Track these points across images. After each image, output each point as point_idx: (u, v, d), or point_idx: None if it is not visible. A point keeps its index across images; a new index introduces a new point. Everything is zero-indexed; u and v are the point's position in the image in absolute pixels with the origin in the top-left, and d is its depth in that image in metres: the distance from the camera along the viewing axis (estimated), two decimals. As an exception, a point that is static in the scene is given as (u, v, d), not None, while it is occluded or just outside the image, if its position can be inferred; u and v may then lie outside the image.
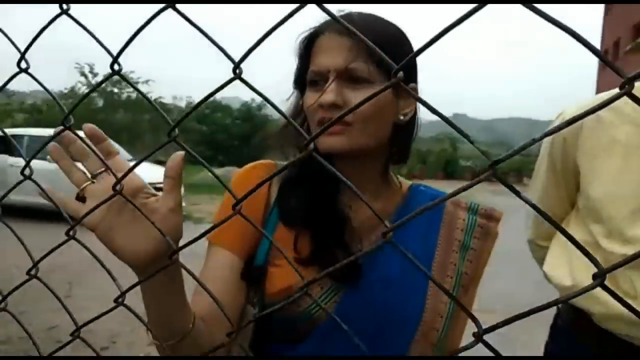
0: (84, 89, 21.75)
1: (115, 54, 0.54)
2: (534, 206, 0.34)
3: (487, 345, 0.37)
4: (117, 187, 0.56)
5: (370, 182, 0.89)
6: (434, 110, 0.35)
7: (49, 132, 9.60)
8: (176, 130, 0.57)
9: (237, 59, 0.43)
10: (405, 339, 0.83)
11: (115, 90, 22.04)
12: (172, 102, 27.31)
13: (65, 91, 21.23)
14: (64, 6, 0.51)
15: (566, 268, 1.28)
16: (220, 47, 0.43)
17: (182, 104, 28.40)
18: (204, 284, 0.68)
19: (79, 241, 0.81)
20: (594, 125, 1.23)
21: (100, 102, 22.44)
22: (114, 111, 21.11)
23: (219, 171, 17.64)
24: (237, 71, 0.43)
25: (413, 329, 0.83)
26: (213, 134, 27.02)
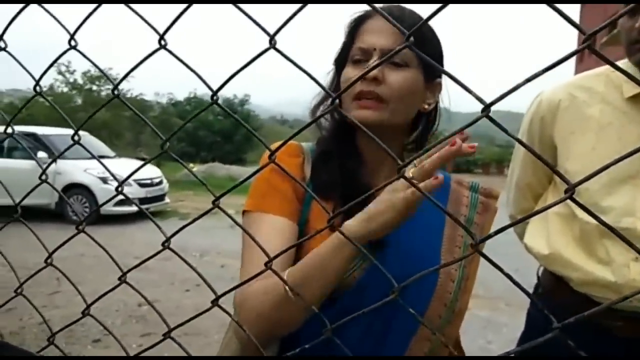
0: (62, 87, 21.48)
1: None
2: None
3: (483, 254, 0.44)
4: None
5: (388, 159, 0.98)
6: (457, 81, 0.42)
7: (25, 129, 9.49)
8: (167, 144, 0.65)
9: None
10: (424, 299, 0.92)
11: (94, 87, 21.77)
12: (154, 99, 27.08)
13: (45, 89, 20.93)
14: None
15: (544, 239, 1.37)
16: (253, 19, 0.49)
17: (164, 101, 28.17)
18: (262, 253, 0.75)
19: (88, 234, 0.88)
20: (569, 104, 1.32)
21: (79, 100, 22.16)
22: (93, 109, 20.86)
23: (201, 167, 17.53)
24: (272, 42, 0.49)
25: (430, 293, 0.92)
26: (195, 130, 26.83)
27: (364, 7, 0.96)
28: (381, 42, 0.88)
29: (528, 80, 0.35)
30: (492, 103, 0.37)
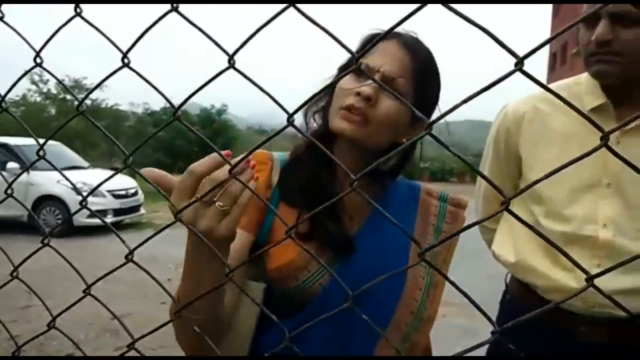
0: (35, 97, 21.16)
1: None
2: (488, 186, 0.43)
3: (429, 263, 0.46)
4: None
5: (359, 171, 1.00)
6: (405, 102, 0.44)
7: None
8: (131, 158, 0.65)
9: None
10: (389, 307, 0.93)
11: (69, 97, 21.47)
12: (130, 109, 26.74)
13: (17, 98, 20.62)
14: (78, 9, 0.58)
15: (511, 247, 1.41)
16: (214, 40, 0.50)
17: (139, 111, 27.85)
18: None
19: (53, 248, 0.88)
20: (533, 116, 1.36)
21: (53, 110, 21.83)
22: (67, 119, 20.53)
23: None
24: (231, 62, 0.51)
25: (396, 300, 0.94)
26: (172, 140, 26.55)
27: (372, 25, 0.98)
28: (386, 66, 0.90)
29: (465, 101, 0.37)
30: (434, 121, 0.40)
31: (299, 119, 1.02)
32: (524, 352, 0.57)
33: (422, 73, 0.93)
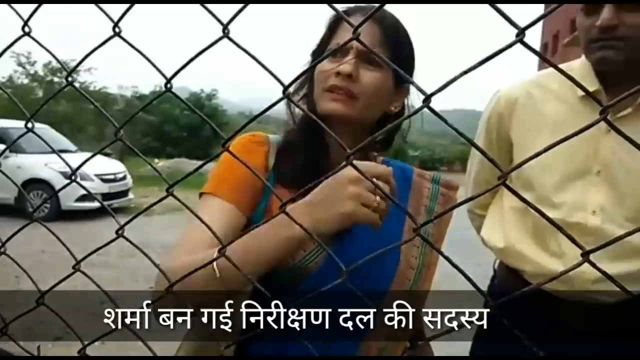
0: (22, 78, 20.86)
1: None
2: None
3: (424, 239, 0.46)
4: None
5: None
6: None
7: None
8: (121, 131, 0.64)
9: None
10: (383, 286, 0.95)
11: (56, 79, 21.19)
12: (118, 92, 26.45)
13: (3, 80, 20.34)
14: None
15: (500, 232, 1.42)
16: (208, 9, 0.50)
17: (128, 94, 27.58)
18: (206, 229, 0.74)
19: (42, 223, 0.86)
20: (526, 101, 1.36)
21: (40, 92, 21.54)
22: (55, 102, 20.28)
23: (168, 162, 17.23)
24: (225, 31, 0.50)
25: (390, 278, 0.96)
26: (161, 124, 26.35)
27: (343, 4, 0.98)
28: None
29: (465, 72, 0.37)
30: (433, 94, 0.39)
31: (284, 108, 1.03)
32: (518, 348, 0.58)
33: (392, 39, 0.94)
